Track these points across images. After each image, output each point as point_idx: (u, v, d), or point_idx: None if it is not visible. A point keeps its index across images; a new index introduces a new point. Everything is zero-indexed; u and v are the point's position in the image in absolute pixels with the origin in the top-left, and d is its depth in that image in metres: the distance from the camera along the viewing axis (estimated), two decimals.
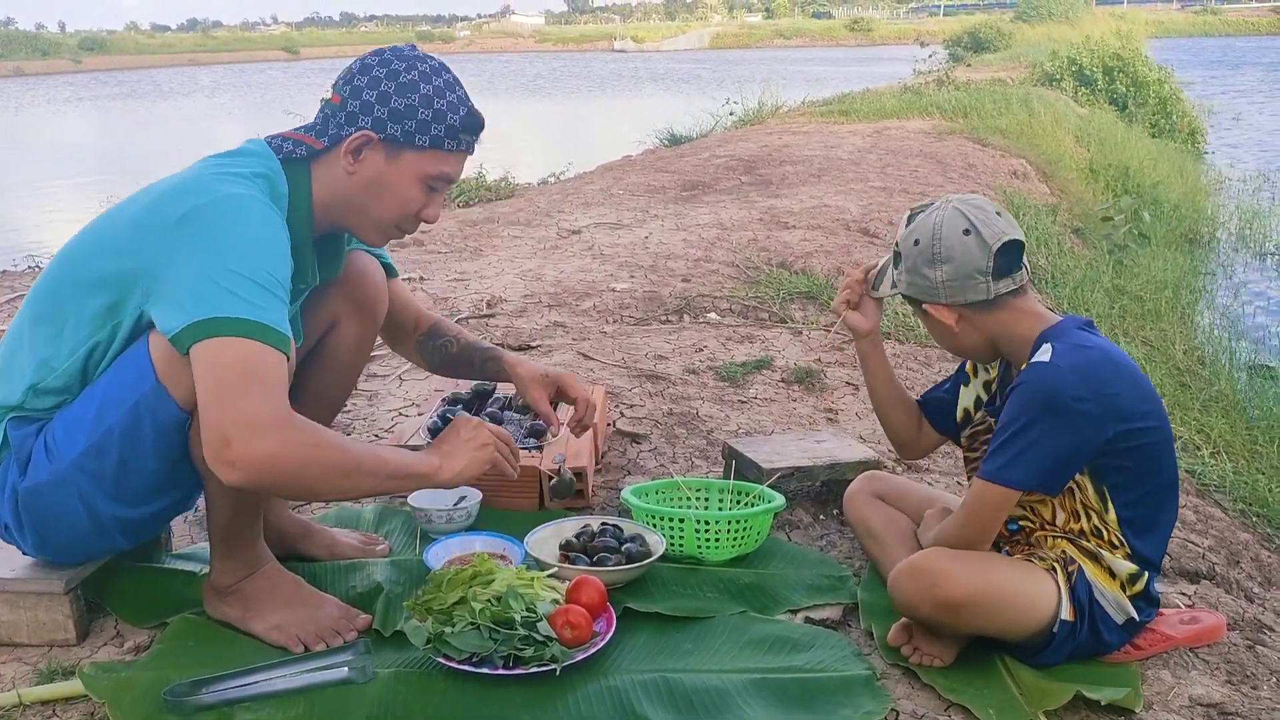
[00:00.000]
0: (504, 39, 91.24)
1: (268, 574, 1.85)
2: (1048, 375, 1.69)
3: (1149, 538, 1.77)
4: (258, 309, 1.54)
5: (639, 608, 1.92)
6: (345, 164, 1.72)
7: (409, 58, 1.74)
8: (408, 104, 1.70)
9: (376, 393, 3.24)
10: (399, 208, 1.77)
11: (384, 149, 1.72)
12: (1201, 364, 4.83)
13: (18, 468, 1.71)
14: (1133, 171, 10.16)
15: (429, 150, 1.73)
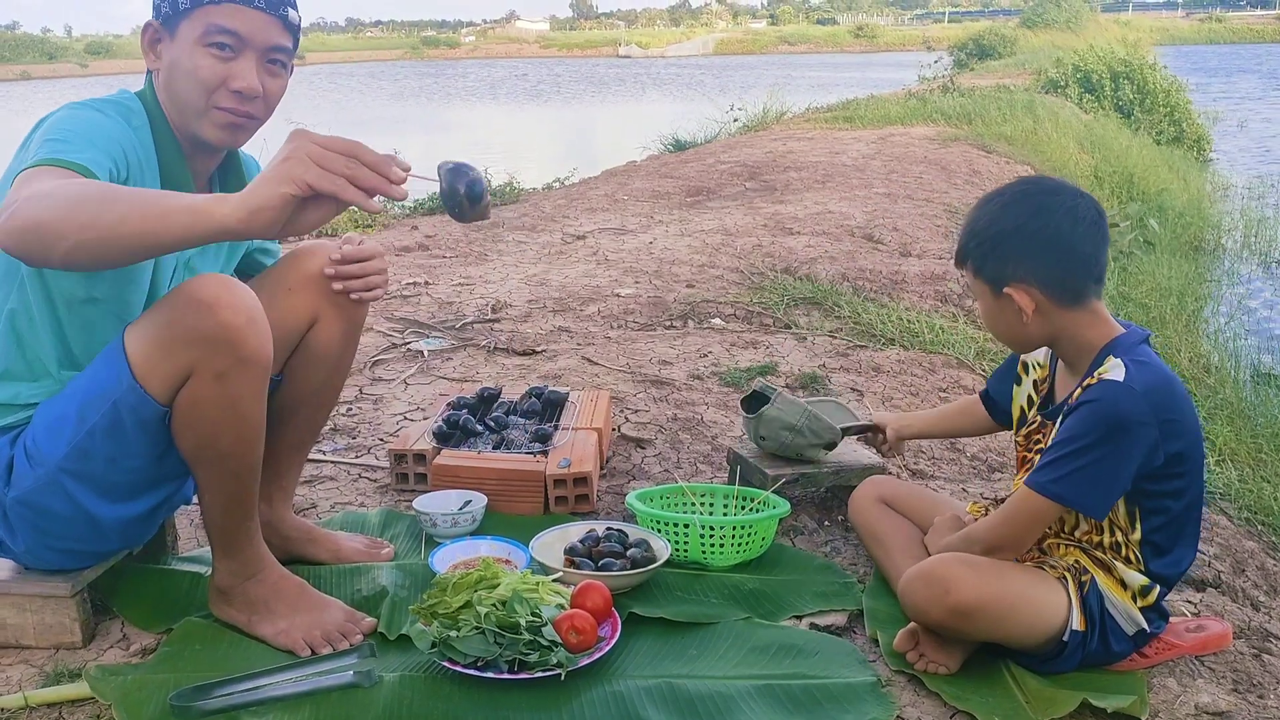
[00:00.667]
0: (509, 44, 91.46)
1: (271, 578, 1.84)
2: (1122, 397, 1.63)
3: (1166, 559, 1.75)
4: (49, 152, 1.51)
5: (644, 613, 1.92)
6: (150, 61, 1.73)
7: None
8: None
9: (381, 397, 3.25)
10: (195, 80, 1.68)
11: (166, 30, 1.70)
12: (1207, 371, 4.82)
13: (2, 480, 1.71)
14: (1137, 178, 10.16)
15: (193, 10, 1.66)
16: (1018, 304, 1.73)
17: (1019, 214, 1.73)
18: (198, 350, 1.58)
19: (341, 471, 2.69)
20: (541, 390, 2.84)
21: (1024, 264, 1.71)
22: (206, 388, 1.60)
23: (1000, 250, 1.73)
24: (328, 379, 2.04)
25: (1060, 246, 1.70)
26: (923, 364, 3.69)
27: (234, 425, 1.66)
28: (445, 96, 36.46)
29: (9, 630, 1.81)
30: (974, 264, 1.78)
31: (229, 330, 1.58)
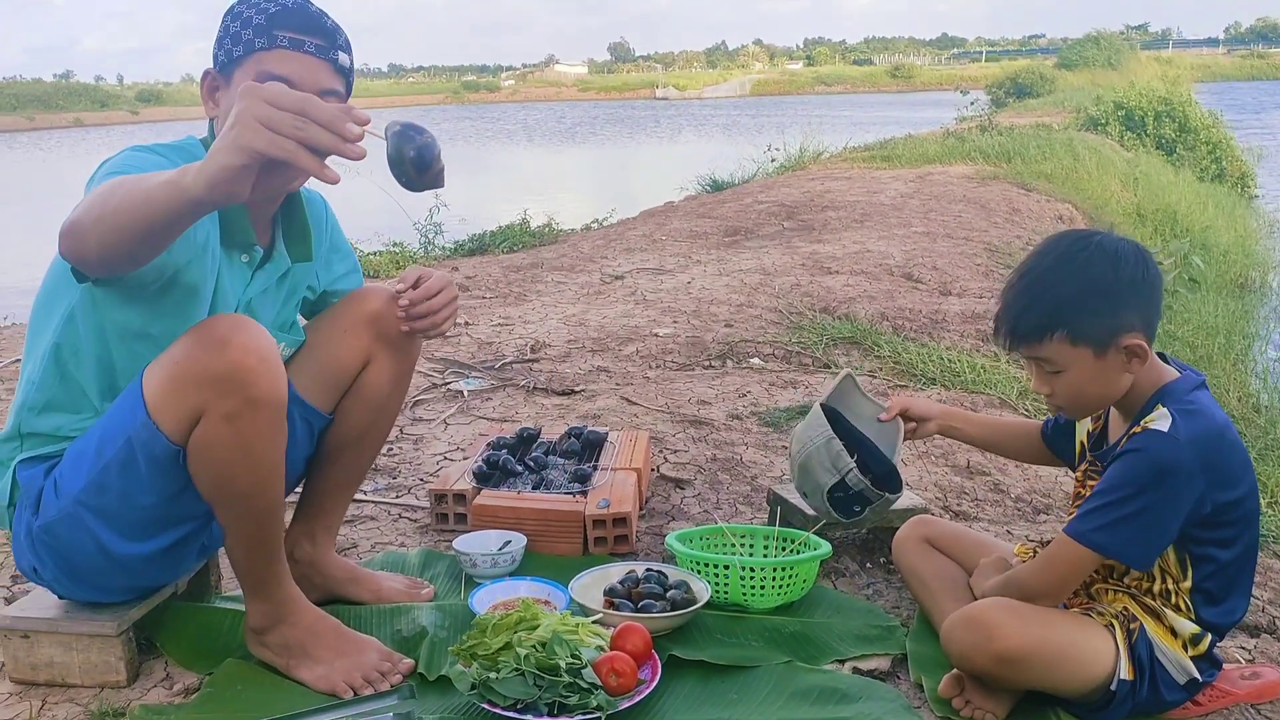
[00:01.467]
0: (548, 88, 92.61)
1: (306, 620, 1.84)
2: (1166, 449, 1.60)
3: (1219, 608, 1.71)
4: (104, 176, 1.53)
5: (684, 655, 1.91)
6: (209, 109, 1.74)
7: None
8: (224, 27, 1.70)
9: (422, 437, 3.27)
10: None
11: (223, 79, 1.71)
12: (1257, 411, 4.73)
13: (31, 508, 1.74)
14: (1181, 215, 10.05)
15: (246, 58, 1.67)
16: (1128, 356, 1.66)
17: (1105, 266, 1.65)
18: (208, 391, 1.58)
19: (382, 511, 2.70)
20: (580, 430, 2.85)
21: (1134, 312, 1.66)
22: (217, 429, 1.60)
23: (1110, 304, 1.65)
24: (376, 420, 2.06)
25: (1148, 291, 1.68)
26: (965, 403, 3.65)
27: (248, 467, 1.65)
28: (485, 139, 36.95)
29: (56, 669, 1.83)
30: (1070, 330, 1.65)
31: (239, 371, 1.57)
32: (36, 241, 13.23)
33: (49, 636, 1.82)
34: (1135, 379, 1.70)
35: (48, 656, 1.82)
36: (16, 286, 10.76)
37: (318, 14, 1.72)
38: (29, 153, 37.38)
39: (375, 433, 2.10)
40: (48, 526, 1.71)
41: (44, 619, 1.82)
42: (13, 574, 2.32)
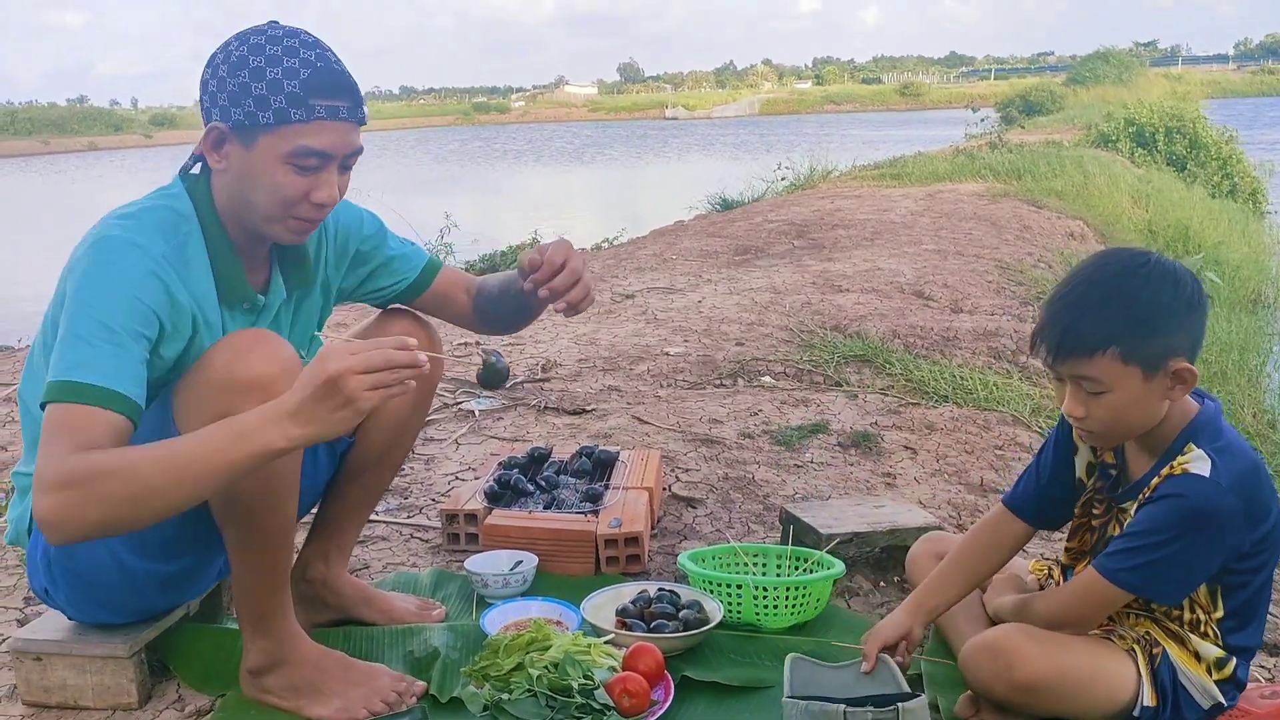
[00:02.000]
0: (558, 109, 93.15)
1: (311, 657, 1.81)
2: (1213, 495, 1.57)
3: (1245, 633, 1.69)
4: (74, 367, 1.49)
5: (697, 676, 1.89)
6: (213, 162, 1.64)
7: (248, 33, 1.61)
8: (241, 82, 1.56)
9: (433, 457, 3.27)
10: (275, 195, 1.62)
11: (238, 137, 1.60)
12: (1272, 428, 4.69)
13: None
14: (1193, 232, 10.02)
15: (277, 127, 1.57)
16: (1173, 381, 1.60)
17: (1164, 286, 1.59)
18: (229, 398, 1.55)
19: (393, 531, 2.70)
20: (592, 449, 2.84)
21: (1185, 335, 1.60)
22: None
23: (1166, 324, 1.58)
24: (396, 442, 2.06)
25: (1200, 317, 1.63)
26: (977, 421, 3.63)
27: (263, 480, 1.62)
28: (496, 160, 37.15)
29: (69, 691, 1.82)
30: (1125, 346, 1.57)
31: (261, 380, 1.56)
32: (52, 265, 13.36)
33: (61, 659, 1.82)
34: (1172, 411, 1.65)
35: (60, 679, 1.82)
36: (32, 309, 10.85)
37: (342, 71, 1.63)
38: (44, 176, 37.74)
39: (395, 454, 2.11)
40: (64, 551, 1.71)
41: (56, 641, 1.82)
42: (25, 595, 2.32)
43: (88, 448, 1.44)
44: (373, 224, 2.00)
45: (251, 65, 1.57)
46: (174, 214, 1.65)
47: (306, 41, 1.61)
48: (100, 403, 1.48)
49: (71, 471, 1.42)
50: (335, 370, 1.40)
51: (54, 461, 1.44)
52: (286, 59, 1.57)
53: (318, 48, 1.61)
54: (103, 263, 1.56)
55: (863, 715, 1.61)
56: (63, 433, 1.46)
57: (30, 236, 19.49)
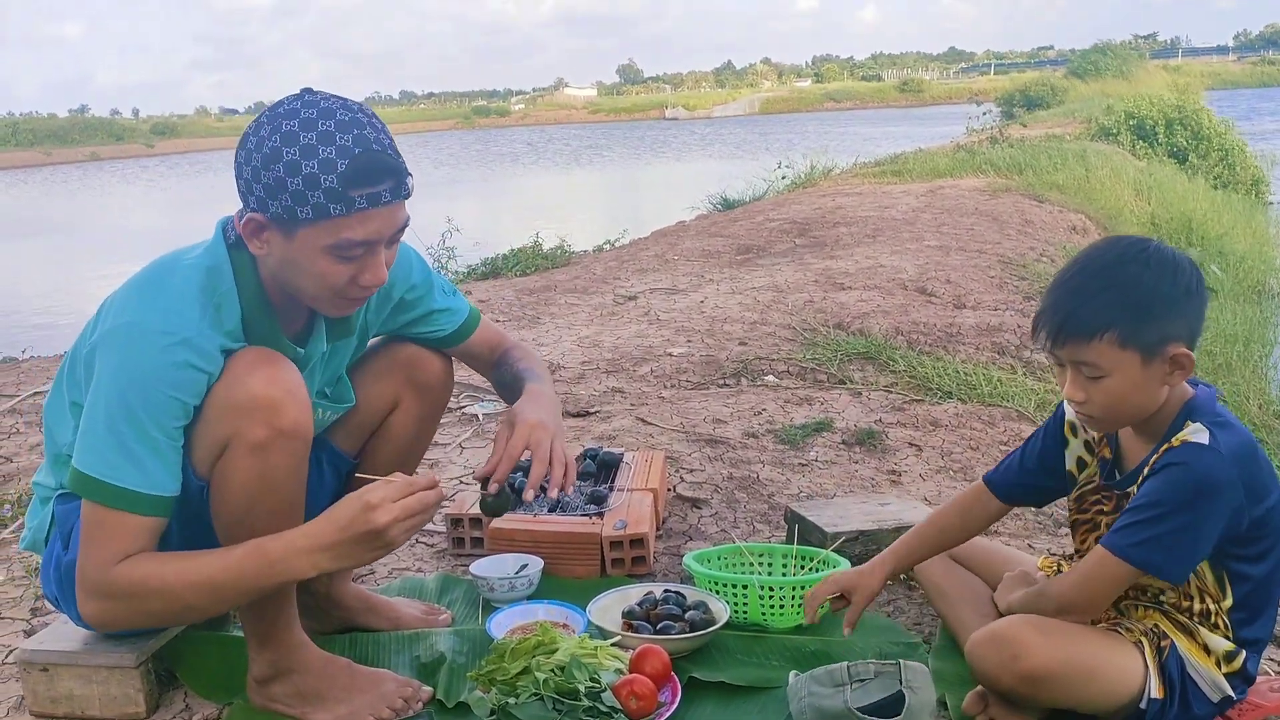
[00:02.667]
0: (558, 111, 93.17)
1: (317, 665, 1.80)
2: (1213, 462, 1.57)
3: (1257, 625, 1.68)
4: (111, 468, 1.55)
5: (704, 677, 1.89)
6: (254, 248, 1.61)
7: (279, 115, 1.54)
8: (275, 177, 1.51)
9: (437, 461, 3.27)
10: (322, 282, 1.60)
11: (278, 228, 1.56)
12: (1277, 418, 4.68)
13: (61, 541, 1.74)
14: (1196, 224, 10.00)
15: (317, 222, 1.53)
16: (1171, 367, 1.61)
17: (1171, 270, 1.61)
18: (236, 420, 1.57)
19: None
20: (596, 451, 2.84)
21: (1184, 321, 1.62)
22: (243, 459, 1.59)
23: (1166, 310, 1.59)
24: (401, 462, 2.05)
25: (1199, 304, 1.64)
26: (982, 417, 3.63)
27: (269, 500, 1.63)
28: (496, 163, 37.17)
29: (75, 701, 1.82)
30: (1123, 331, 1.59)
31: (267, 401, 1.58)
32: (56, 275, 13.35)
33: (68, 669, 1.82)
34: (1171, 395, 1.65)
35: (67, 689, 1.82)
36: (36, 320, 10.87)
37: (383, 150, 1.54)
38: (48, 187, 37.84)
39: (407, 462, 2.10)
40: (73, 562, 1.70)
41: (63, 652, 1.83)
42: (31, 607, 2.33)
43: (128, 553, 1.58)
44: (421, 272, 1.96)
45: (286, 159, 1.50)
46: (210, 276, 1.63)
47: (343, 122, 1.52)
48: (137, 509, 1.57)
49: (114, 585, 1.58)
50: (383, 523, 1.54)
51: (96, 570, 1.59)
52: (323, 148, 1.50)
53: (355, 127, 1.52)
54: (138, 359, 1.55)
55: (865, 667, 1.68)
56: (102, 538, 1.58)
57: (34, 248, 19.53)
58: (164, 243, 1.85)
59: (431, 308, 1.99)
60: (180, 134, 69.35)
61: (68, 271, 15.59)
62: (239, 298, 1.65)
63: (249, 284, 1.66)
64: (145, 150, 61.96)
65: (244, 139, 1.56)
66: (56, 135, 62.08)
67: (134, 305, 1.60)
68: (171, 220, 22.56)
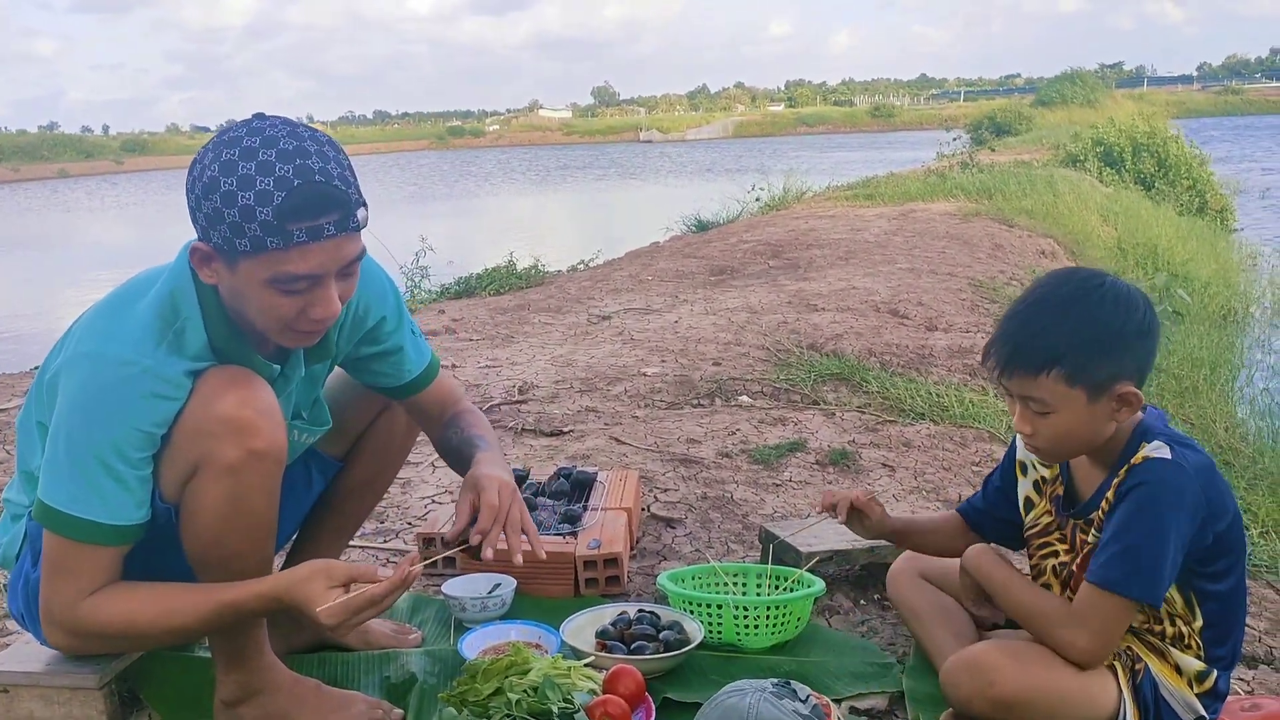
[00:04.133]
0: (532, 132, 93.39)
1: (285, 686, 1.77)
2: (1177, 476, 1.58)
3: (1228, 642, 1.69)
4: (72, 499, 1.54)
5: (678, 697, 1.88)
6: (204, 276, 1.56)
7: (222, 143, 1.48)
8: (214, 207, 1.45)
9: (410, 480, 3.24)
10: (270, 314, 1.54)
11: (220, 258, 1.51)
12: (1244, 441, 4.73)
13: (31, 558, 1.70)
14: (1162, 249, 10.14)
15: (255, 255, 1.47)
16: (1118, 404, 1.62)
17: (1124, 309, 1.62)
18: (206, 442, 1.54)
19: (370, 556, 2.67)
20: (570, 471, 2.83)
21: (1133, 360, 1.62)
22: (214, 482, 1.56)
23: (1110, 350, 1.60)
24: (383, 469, 2.06)
25: (1150, 341, 1.65)
26: (954, 438, 3.64)
27: (243, 523, 1.59)
28: (470, 183, 37.15)
29: None
30: (1070, 369, 1.59)
31: (239, 423, 1.54)
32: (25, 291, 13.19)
33: (29, 690, 1.78)
34: (1124, 424, 1.66)
35: (28, 711, 1.78)
36: (3, 336, 10.71)
37: (326, 182, 1.47)
38: (16, 203, 37.42)
39: (380, 481, 2.10)
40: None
41: (24, 673, 1.78)
42: None
43: (94, 587, 1.58)
44: (394, 303, 1.88)
45: (223, 189, 1.44)
46: (172, 300, 1.59)
47: (286, 151, 1.45)
48: (99, 539, 1.56)
49: (81, 623, 1.60)
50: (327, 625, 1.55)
51: (62, 607, 1.60)
52: (260, 179, 1.43)
53: (299, 156, 1.45)
54: (99, 390, 1.52)
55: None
56: (65, 573, 1.58)
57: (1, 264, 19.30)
58: (132, 258, 1.82)
59: (400, 344, 1.89)
60: (151, 151, 68.88)
61: (36, 287, 15.41)
62: (204, 322, 1.60)
63: (212, 308, 1.60)
64: (115, 167, 61.49)
65: (192, 164, 1.52)
66: (25, 152, 61.48)
67: (96, 333, 1.57)
68: (140, 235, 22.38)
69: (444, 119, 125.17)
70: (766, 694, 1.52)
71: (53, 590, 1.59)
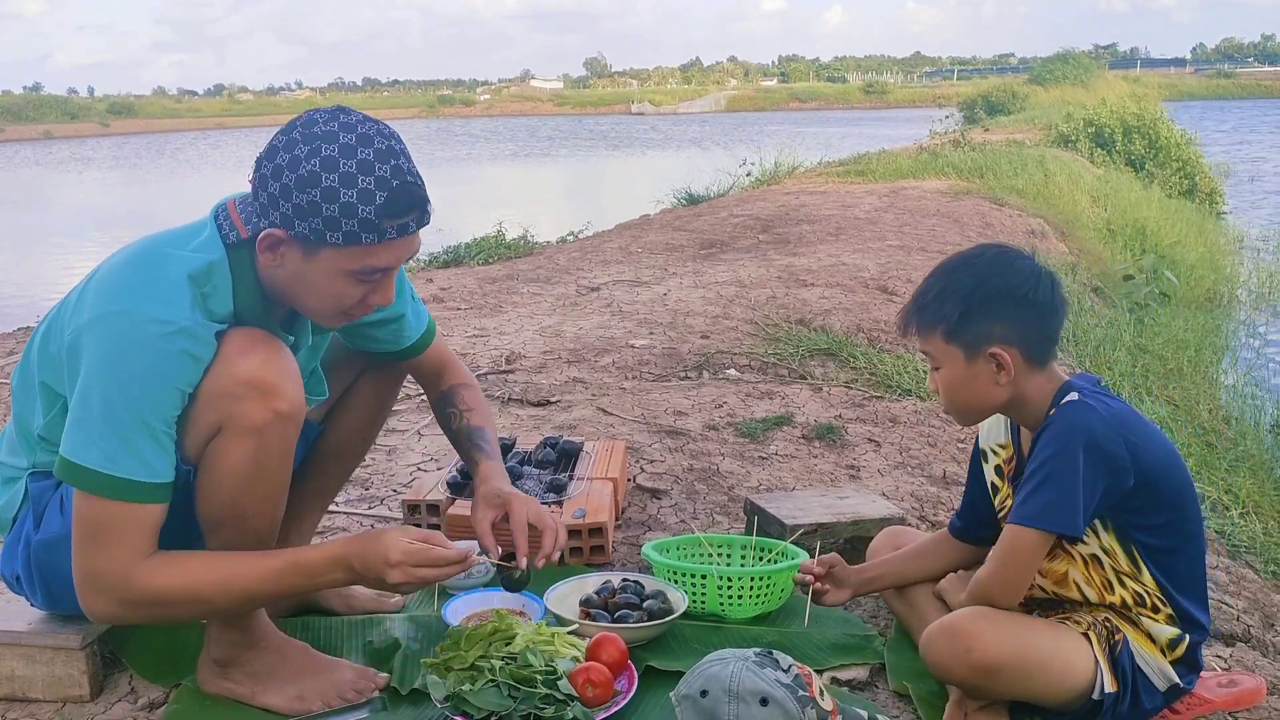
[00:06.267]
0: (523, 103, 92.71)
1: (274, 644, 1.78)
2: (1083, 414, 1.65)
3: (1191, 594, 1.72)
4: (106, 459, 1.51)
5: (661, 666, 1.88)
6: (264, 260, 1.59)
7: (316, 136, 1.52)
8: (310, 200, 1.49)
9: (395, 448, 3.23)
10: (334, 301, 1.61)
11: (299, 245, 1.55)
12: (1227, 423, 4.77)
13: (33, 520, 1.69)
14: (1150, 231, 10.17)
15: (345, 247, 1.53)
16: (996, 367, 1.72)
17: (1002, 276, 1.73)
18: (230, 403, 1.55)
19: (354, 522, 2.67)
20: (556, 440, 2.82)
21: (1009, 325, 1.71)
22: (237, 442, 1.57)
23: (985, 312, 1.71)
24: (363, 431, 2.06)
25: (1043, 308, 1.73)
26: (940, 415, 3.65)
27: (262, 484, 1.62)
28: (460, 152, 36.91)
29: (17, 682, 1.78)
30: (948, 327, 1.73)
31: (264, 383, 1.56)
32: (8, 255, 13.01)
33: (11, 649, 1.78)
34: (1029, 394, 1.73)
35: (9, 669, 1.78)
36: None
37: (415, 181, 1.56)
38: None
39: (360, 444, 2.10)
40: (47, 542, 1.67)
41: (7, 631, 1.78)
42: None
43: (144, 551, 1.55)
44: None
45: (324, 184, 1.49)
46: (210, 282, 1.60)
47: (381, 151, 1.52)
48: (142, 498, 1.54)
49: (135, 589, 1.56)
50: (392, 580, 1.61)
51: (113, 571, 1.55)
52: (362, 178, 1.50)
53: (392, 158, 1.53)
54: (136, 349, 1.51)
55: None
56: (112, 536, 1.54)
57: None
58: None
59: (401, 310, 1.93)
60: (137, 113, 68.22)
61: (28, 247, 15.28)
62: (233, 296, 1.62)
63: (246, 284, 1.63)
64: (100, 129, 60.87)
65: (272, 152, 1.53)
66: (10, 112, 60.78)
67: (126, 292, 1.54)
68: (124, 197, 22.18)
69: (434, 88, 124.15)
70: (749, 663, 1.52)
71: (98, 557, 1.54)
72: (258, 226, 1.58)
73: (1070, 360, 5.02)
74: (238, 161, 33.12)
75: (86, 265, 1.79)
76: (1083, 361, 5.10)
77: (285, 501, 1.70)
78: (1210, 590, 2.17)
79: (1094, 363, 5.11)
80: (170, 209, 18.03)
